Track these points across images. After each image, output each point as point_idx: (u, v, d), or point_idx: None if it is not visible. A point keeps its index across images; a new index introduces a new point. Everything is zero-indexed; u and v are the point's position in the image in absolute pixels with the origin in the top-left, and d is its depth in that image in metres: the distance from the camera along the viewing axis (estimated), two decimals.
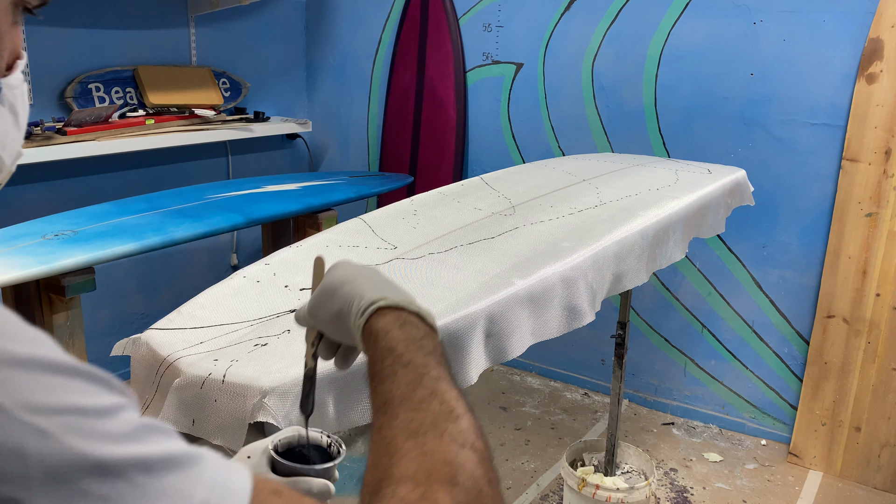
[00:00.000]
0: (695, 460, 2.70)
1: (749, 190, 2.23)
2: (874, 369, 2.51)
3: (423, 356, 0.53)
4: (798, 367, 2.74)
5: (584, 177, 2.03)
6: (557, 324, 1.27)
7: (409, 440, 0.45)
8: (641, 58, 2.86)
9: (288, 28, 3.64)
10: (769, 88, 2.63)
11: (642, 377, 3.09)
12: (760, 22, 2.61)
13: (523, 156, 3.21)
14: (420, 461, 0.43)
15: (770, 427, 2.84)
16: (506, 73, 3.19)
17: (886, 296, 2.46)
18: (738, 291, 2.82)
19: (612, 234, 1.47)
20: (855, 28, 2.44)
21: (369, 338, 0.58)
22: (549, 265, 1.28)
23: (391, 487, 0.42)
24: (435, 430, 0.46)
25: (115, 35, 2.89)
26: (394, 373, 0.52)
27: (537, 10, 3.06)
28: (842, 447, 2.60)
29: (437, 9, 3.25)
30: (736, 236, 2.76)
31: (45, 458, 0.32)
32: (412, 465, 0.43)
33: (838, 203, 2.52)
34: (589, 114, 3.02)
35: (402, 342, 0.55)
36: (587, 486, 2.08)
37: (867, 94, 2.42)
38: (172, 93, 2.99)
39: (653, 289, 3.00)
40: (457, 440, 0.45)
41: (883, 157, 2.42)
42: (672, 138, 2.85)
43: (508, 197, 1.78)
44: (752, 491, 2.53)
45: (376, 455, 0.46)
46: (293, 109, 3.71)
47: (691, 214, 1.79)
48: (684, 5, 2.73)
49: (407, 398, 0.49)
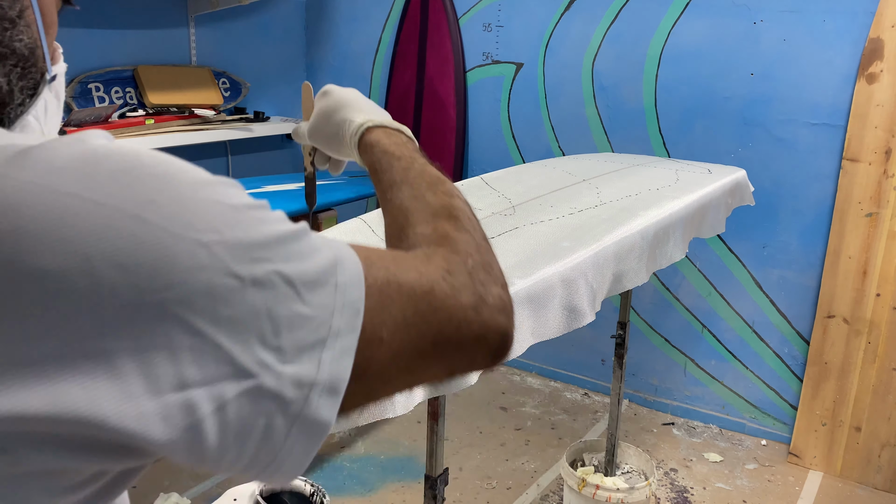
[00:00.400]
0: (695, 460, 2.70)
1: (749, 190, 2.23)
2: (874, 369, 2.51)
3: (409, 153, 0.70)
4: (798, 368, 2.74)
5: (584, 177, 2.02)
6: (557, 324, 1.27)
7: (414, 201, 0.60)
8: (641, 58, 2.85)
9: (288, 28, 3.64)
10: (769, 88, 2.62)
11: (642, 377, 3.09)
12: (761, 22, 2.61)
13: (523, 156, 3.21)
14: (426, 210, 0.58)
15: (770, 427, 2.84)
16: (506, 72, 3.19)
17: (887, 296, 2.46)
18: (738, 291, 2.82)
19: (613, 234, 1.47)
20: (855, 28, 2.44)
21: (365, 149, 0.74)
22: (549, 265, 1.27)
23: (409, 230, 0.57)
24: (431, 190, 0.61)
25: (114, 35, 2.89)
26: (391, 166, 0.68)
27: (537, 10, 3.05)
28: (842, 447, 2.59)
29: (437, 9, 3.25)
30: (736, 236, 2.76)
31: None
32: (420, 214, 0.58)
33: (838, 203, 2.52)
34: (589, 114, 3.02)
35: (392, 145, 0.71)
36: (587, 486, 2.08)
37: (867, 93, 2.42)
38: (172, 93, 2.99)
39: (653, 289, 3.00)
40: (448, 193, 0.61)
41: (883, 157, 2.42)
42: (672, 138, 2.85)
43: (508, 197, 1.77)
44: (753, 491, 2.52)
45: (392, 217, 0.62)
46: (293, 109, 3.71)
47: (691, 214, 1.79)
48: (684, 5, 2.73)
49: (405, 178, 0.65)
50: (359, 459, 2.63)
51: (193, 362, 0.35)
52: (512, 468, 2.62)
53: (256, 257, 0.38)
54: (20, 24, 0.49)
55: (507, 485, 2.52)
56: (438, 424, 1.34)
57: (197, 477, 2.39)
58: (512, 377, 3.31)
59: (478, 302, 0.47)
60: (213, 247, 0.36)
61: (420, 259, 0.49)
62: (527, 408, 3.06)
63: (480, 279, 0.49)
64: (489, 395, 3.12)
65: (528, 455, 2.71)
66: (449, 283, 0.47)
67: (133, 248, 0.34)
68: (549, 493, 2.49)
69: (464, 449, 2.72)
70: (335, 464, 2.59)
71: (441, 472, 1.37)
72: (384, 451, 2.69)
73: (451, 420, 2.82)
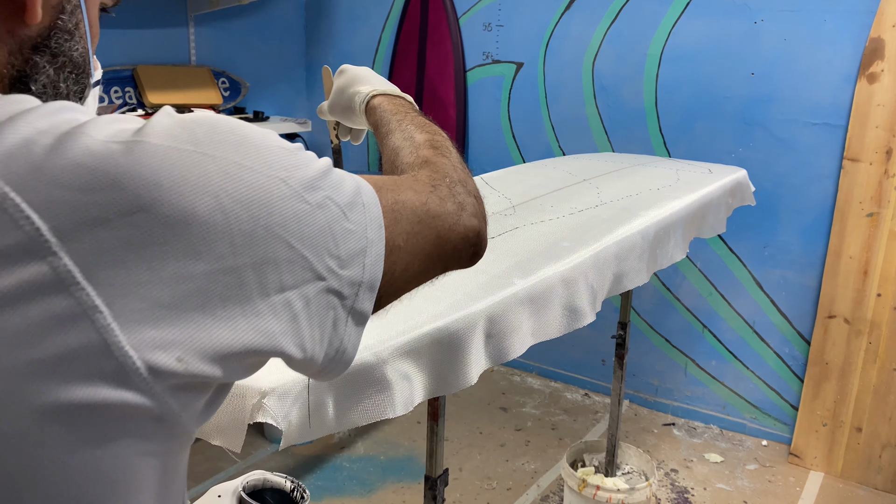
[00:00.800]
0: (695, 461, 2.70)
1: (750, 190, 2.23)
2: (875, 370, 2.50)
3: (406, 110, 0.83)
4: (799, 368, 2.73)
5: (584, 176, 2.02)
6: (558, 324, 1.27)
7: (403, 141, 0.74)
8: (642, 57, 2.85)
9: (288, 28, 3.63)
10: (770, 88, 2.62)
11: (643, 377, 3.08)
12: (761, 21, 2.60)
13: (523, 155, 3.21)
14: (413, 145, 0.72)
15: (771, 427, 2.83)
16: (506, 72, 3.18)
17: (887, 296, 2.46)
18: (738, 291, 2.82)
19: (613, 233, 1.47)
20: (856, 27, 2.44)
21: (371, 112, 0.88)
22: (549, 265, 1.27)
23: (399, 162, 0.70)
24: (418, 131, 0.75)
25: (113, 34, 2.88)
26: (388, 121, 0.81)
27: (537, 10, 3.05)
28: (843, 448, 2.59)
29: (437, 8, 3.25)
30: (737, 236, 2.76)
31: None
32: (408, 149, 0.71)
33: (839, 203, 2.51)
34: (589, 113, 3.01)
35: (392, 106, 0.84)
36: (588, 486, 2.07)
37: (868, 93, 2.42)
38: (172, 92, 2.98)
39: (653, 289, 2.99)
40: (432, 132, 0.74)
41: (884, 156, 2.42)
42: (673, 138, 2.85)
43: (508, 197, 1.77)
44: (753, 492, 2.52)
45: (387, 157, 0.75)
46: (293, 109, 3.71)
47: (692, 214, 1.79)
48: (685, 5, 2.73)
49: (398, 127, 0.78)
50: (359, 460, 2.63)
51: (288, 271, 0.45)
52: (512, 469, 2.62)
53: (315, 186, 0.48)
54: (76, 35, 0.55)
55: (508, 485, 2.52)
56: (438, 425, 1.34)
57: (193, 476, 2.39)
58: (512, 377, 3.31)
59: (458, 209, 0.60)
60: (289, 181, 0.46)
61: (410, 180, 0.60)
62: (527, 408, 3.05)
63: (458, 191, 0.62)
64: (489, 396, 3.12)
65: (529, 455, 2.70)
66: (437, 196, 0.59)
67: (243, 187, 0.43)
68: (550, 493, 2.48)
69: (464, 449, 2.72)
70: (335, 464, 2.59)
71: (441, 473, 1.37)
72: (384, 452, 2.68)
73: (451, 420, 2.82)
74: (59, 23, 0.52)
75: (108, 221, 0.38)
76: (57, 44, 0.53)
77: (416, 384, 1.01)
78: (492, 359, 1.14)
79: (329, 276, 0.48)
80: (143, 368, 0.39)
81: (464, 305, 1.10)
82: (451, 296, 1.12)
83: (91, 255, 0.37)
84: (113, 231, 0.38)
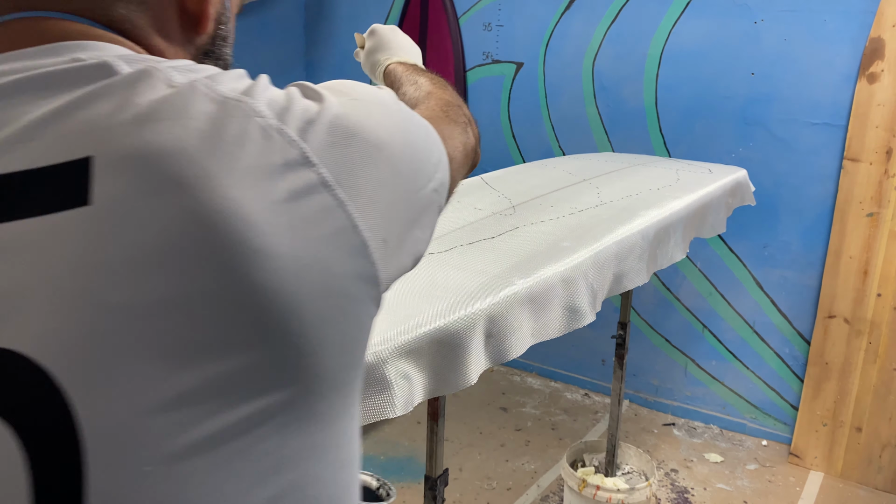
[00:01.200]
0: (695, 461, 2.69)
1: (750, 190, 2.23)
2: (875, 370, 2.50)
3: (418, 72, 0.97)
4: (799, 368, 2.73)
5: (584, 176, 2.02)
6: (558, 324, 1.27)
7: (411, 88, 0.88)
8: (642, 57, 2.85)
9: (288, 28, 3.63)
10: (770, 88, 2.62)
11: (643, 377, 3.08)
12: (761, 21, 2.60)
13: (523, 155, 3.21)
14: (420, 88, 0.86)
15: (771, 427, 2.83)
16: (506, 72, 3.18)
17: (888, 296, 2.46)
18: (738, 291, 2.81)
19: (613, 233, 1.47)
20: (856, 27, 2.44)
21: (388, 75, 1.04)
22: (549, 265, 1.27)
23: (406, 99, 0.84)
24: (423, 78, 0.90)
25: None
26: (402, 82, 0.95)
27: (537, 10, 3.05)
28: (843, 448, 2.59)
29: (437, 8, 3.25)
30: (737, 236, 2.76)
31: None
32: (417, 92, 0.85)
33: (839, 203, 2.51)
34: (589, 113, 3.01)
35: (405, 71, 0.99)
36: (588, 486, 2.07)
37: (868, 93, 2.42)
38: None
39: (653, 289, 2.99)
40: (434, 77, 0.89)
41: (884, 156, 2.42)
42: (673, 138, 2.85)
43: (508, 197, 1.77)
44: (753, 492, 2.52)
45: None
46: None
47: (692, 214, 1.79)
48: (685, 5, 2.73)
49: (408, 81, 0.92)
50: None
51: (433, 221, 0.60)
52: (512, 469, 2.61)
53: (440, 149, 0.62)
54: (228, 40, 0.66)
55: (508, 485, 2.52)
56: (438, 425, 1.34)
57: None
58: (512, 377, 3.31)
59: (468, 125, 0.75)
60: (434, 150, 0.60)
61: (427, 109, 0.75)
62: (527, 408, 3.05)
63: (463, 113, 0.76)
64: (489, 396, 3.12)
65: (529, 455, 2.70)
66: (453, 117, 0.74)
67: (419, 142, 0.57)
68: (550, 493, 2.48)
69: (464, 449, 2.72)
70: None
71: (441, 473, 1.37)
72: (384, 452, 2.68)
73: (451, 420, 2.82)
74: (220, 31, 0.64)
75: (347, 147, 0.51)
76: (218, 49, 0.65)
77: (416, 384, 1.01)
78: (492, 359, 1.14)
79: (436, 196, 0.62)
80: (374, 246, 0.50)
81: (464, 305, 1.10)
82: (451, 296, 1.12)
83: (338, 169, 0.49)
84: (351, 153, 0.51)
